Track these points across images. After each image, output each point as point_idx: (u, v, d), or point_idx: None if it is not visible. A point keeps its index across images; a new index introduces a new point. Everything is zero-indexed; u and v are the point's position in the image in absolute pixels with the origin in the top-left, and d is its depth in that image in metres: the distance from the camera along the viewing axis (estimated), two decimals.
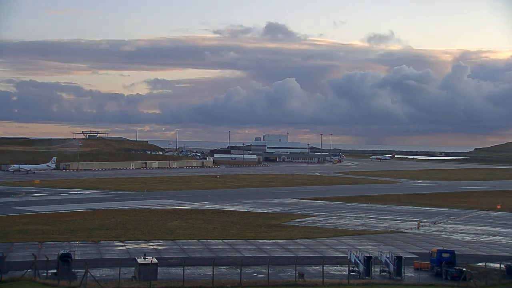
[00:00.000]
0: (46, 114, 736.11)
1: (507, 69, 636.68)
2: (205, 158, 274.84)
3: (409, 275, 51.34)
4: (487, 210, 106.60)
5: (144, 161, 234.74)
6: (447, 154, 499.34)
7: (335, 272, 51.38)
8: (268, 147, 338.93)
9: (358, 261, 50.89)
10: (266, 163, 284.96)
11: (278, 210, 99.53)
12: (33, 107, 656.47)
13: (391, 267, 50.19)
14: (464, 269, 50.36)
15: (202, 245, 63.87)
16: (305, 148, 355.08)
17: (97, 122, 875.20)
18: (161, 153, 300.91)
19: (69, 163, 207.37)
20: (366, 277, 49.16)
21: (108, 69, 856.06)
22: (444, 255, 52.43)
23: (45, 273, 45.66)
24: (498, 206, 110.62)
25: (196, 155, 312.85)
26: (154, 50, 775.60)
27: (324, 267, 48.89)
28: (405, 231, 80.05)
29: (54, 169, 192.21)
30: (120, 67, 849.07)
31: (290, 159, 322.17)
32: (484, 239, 75.55)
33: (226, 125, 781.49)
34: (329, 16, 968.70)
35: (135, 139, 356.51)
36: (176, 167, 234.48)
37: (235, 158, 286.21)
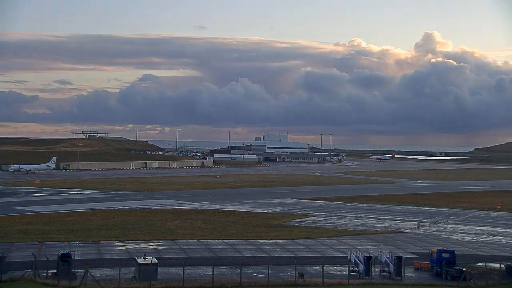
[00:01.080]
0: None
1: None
2: (205, 158, 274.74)
3: (409, 275, 51.36)
4: (487, 210, 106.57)
5: (144, 161, 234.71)
6: (447, 154, 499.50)
7: (335, 272, 51.41)
8: (268, 147, 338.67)
9: (358, 261, 50.90)
10: (266, 163, 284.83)
11: (278, 210, 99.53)
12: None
13: (391, 267, 50.21)
14: (464, 269, 50.40)
15: (202, 245, 63.89)
16: (305, 148, 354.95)
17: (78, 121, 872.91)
18: (161, 153, 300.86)
19: (69, 163, 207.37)
20: (366, 277, 49.19)
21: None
22: (444, 255, 52.44)
23: (45, 273, 45.70)
24: (498, 206, 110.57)
25: (196, 155, 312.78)
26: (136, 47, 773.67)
27: (324, 267, 48.91)
28: (405, 231, 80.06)
29: (54, 169, 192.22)
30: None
31: (290, 159, 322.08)
32: (484, 239, 75.56)
33: (213, 124, 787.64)
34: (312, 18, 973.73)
35: (135, 139, 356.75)
36: (176, 167, 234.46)
37: (235, 158, 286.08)
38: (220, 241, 66.82)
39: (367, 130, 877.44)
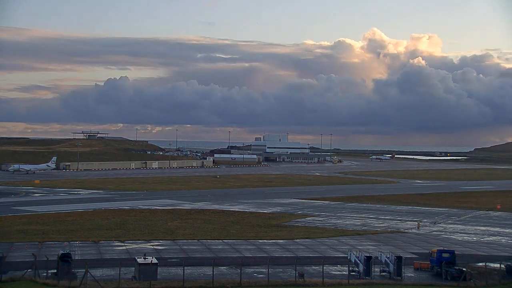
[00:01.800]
0: None
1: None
2: (205, 158, 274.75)
3: (409, 275, 51.37)
4: (487, 210, 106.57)
5: (144, 161, 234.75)
6: (447, 154, 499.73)
7: (335, 272, 51.42)
8: (268, 147, 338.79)
9: (358, 261, 50.91)
10: (266, 163, 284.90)
11: (278, 210, 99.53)
12: None
13: (391, 267, 50.21)
14: (464, 269, 50.42)
15: (202, 245, 63.89)
16: (305, 148, 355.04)
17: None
18: (161, 153, 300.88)
19: (69, 163, 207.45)
20: (366, 277, 49.19)
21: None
22: (444, 255, 52.44)
23: (45, 273, 45.68)
24: (498, 206, 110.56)
25: (196, 155, 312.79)
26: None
27: (324, 267, 48.91)
28: (405, 231, 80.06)
29: (54, 169, 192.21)
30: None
31: (290, 159, 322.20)
32: (484, 239, 75.56)
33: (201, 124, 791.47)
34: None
35: (135, 139, 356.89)
36: (176, 167, 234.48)
37: (235, 158, 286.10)
38: (220, 241, 66.82)
39: (355, 131, 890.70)
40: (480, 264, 54.80)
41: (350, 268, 49.64)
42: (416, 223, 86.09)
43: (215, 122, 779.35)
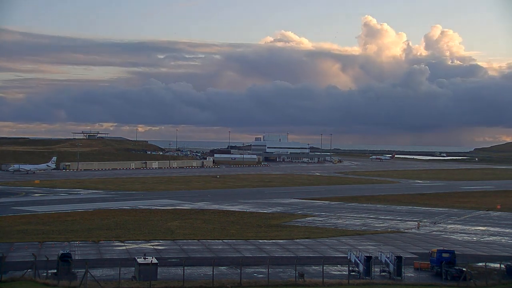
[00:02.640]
0: None
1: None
2: (205, 158, 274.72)
3: (409, 275, 51.38)
4: (487, 210, 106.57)
5: (144, 161, 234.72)
6: (447, 154, 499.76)
7: (335, 272, 51.43)
8: (268, 147, 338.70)
9: (358, 261, 50.91)
10: (266, 163, 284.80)
11: (278, 210, 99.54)
12: None
13: (391, 267, 50.21)
14: (464, 269, 50.42)
15: (202, 245, 63.89)
16: (305, 148, 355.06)
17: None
18: (161, 153, 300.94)
19: (69, 163, 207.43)
20: (366, 277, 49.18)
21: None
22: (444, 255, 52.44)
23: (45, 273, 45.68)
24: (498, 206, 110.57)
25: (196, 155, 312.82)
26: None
27: (324, 267, 48.90)
28: (405, 231, 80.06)
29: (54, 169, 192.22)
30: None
31: (290, 159, 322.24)
32: (484, 239, 75.57)
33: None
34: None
35: (135, 139, 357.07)
36: (176, 167, 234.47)
37: (235, 158, 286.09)
38: (220, 241, 66.83)
39: (339, 131, 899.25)
40: (480, 264, 54.76)
41: (350, 268, 49.64)
42: (416, 223, 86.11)
43: (201, 122, 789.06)
